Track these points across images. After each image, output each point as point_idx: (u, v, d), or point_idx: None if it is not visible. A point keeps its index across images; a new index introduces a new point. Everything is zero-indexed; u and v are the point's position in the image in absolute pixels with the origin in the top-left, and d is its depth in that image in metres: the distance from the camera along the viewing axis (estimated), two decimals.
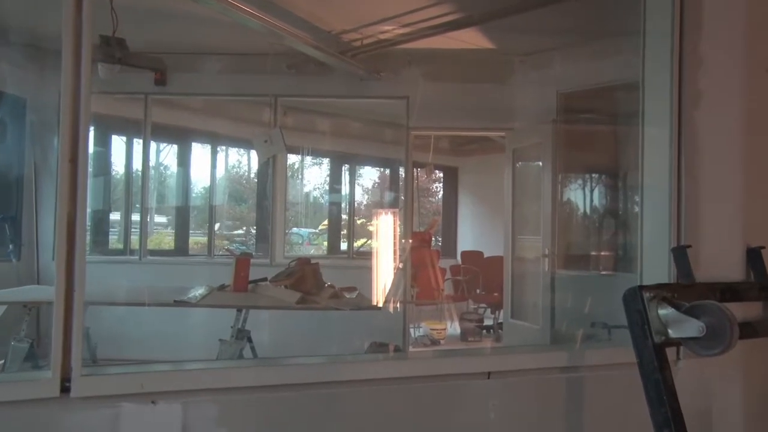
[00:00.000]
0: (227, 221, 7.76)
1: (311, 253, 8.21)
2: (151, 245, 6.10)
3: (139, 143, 5.98)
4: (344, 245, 7.74)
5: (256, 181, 7.49)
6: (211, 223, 6.71)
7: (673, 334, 1.69)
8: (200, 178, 7.14)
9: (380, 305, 5.24)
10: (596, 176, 5.33)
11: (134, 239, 5.97)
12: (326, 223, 8.36)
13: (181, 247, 6.68)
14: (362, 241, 7.55)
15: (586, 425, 1.97)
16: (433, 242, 8.28)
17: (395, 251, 6.00)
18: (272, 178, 6.06)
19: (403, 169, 5.91)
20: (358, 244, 7.53)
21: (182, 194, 6.93)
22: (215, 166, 6.97)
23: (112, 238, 6.42)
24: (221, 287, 4.09)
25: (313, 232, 8.59)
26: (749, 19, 2.18)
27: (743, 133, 2.16)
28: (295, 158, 7.66)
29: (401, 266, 5.89)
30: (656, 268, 2.13)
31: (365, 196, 8.96)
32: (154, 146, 6.49)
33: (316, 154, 7.87)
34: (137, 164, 6.07)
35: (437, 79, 5.48)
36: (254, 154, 6.75)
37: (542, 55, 5.18)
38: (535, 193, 5.30)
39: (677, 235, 2.10)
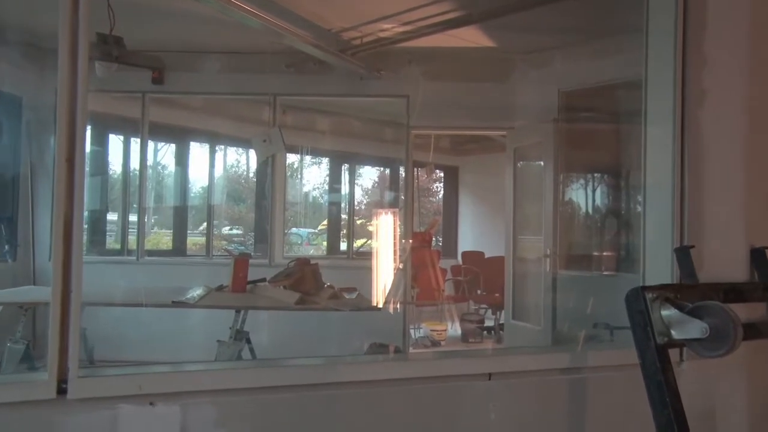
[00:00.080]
0: (225, 222, 7.75)
1: (310, 253, 8.20)
2: (148, 245, 6.09)
3: (136, 142, 5.96)
4: (344, 245, 7.73)
5: (254, 180, 7.47)
6: (209, 222, 6.69)
7: (676, 335, 1.68)
8: (198, 177, 7.13)
9: (380, 306, 5.22)
10: (598, 176, 5.31)
11: (131, 239, 5.95)
12: (326, 223, 8.34)
13: (179, 247, 6.66)
14: (362, 241, 7.54)
15: (587, 427, 1.96)
16: (433, 242, 8.28)
17: (395, 251, 5.99)
18: (271, 177, 6.04)
19: (403, 168, 5.90)
20: (357, 244, 7.51)
21: (180, 194, 6.92)
22: (213, 165, 6.96)
23: (109, 238, 6.41)
24: (219, 288, 4.08)
25: (312, 232, 8.58)
26: (753, 17, 2.17)
27: (747, 132, 2.15)
28: (294, 158, 7.66)
29: (401, 267, 5.88)
30: (659, 268, 2.12)
31: (365, 195, 8.95)
32: (151, 145, 6.48)
33: (315, 153, 7.85)
34: (135, 164, 6.06)
35: (438, 77, 5.47)
36: (253, 153, 6.73)
37: (543, 53, 5.16)
38: (536, 192, 5.28)
39: (680, 235, 2.08)
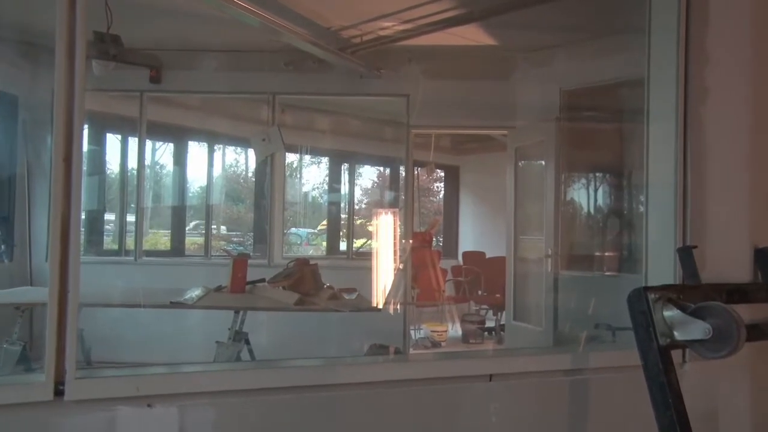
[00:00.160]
0: (223, 222, 7.73)
1: (310, 253, 8.19)
2: (146, 245, 6.07)
3: (134, 142, 5.95)
4: (343, 245, 7.72)
5: (253, 180, 7.45)
6: (207, 222, 6.67)
7: (678, 336, 1.66)
8: (197, 177, 7.11)
9: (380, 307, 5.21)
10: (600, 175, 5.30)
11: (129, 239, 5.94)
12: (325, 223, 8.33)
13: (177, 247, 6.64)
14: (362, 241, 7.53)
15: (589, 429, 1.95)
16: (434, 242, 8.27)
17: (395, 252, 5.98)
18: (270, 177, 6.03)
19: (403, 168, 5.89)
20: (357, 244, 7.50)
21: (178, 194, 6.90)
22: (212, 164, 6.94)
23: (106, 238, 6.39)
24: (218, 288, 4.07)
25: (311, 232, 8.56)
26: (756, 14, 2.16)
27: (751, 131, 2.14)
28: (293, 157, 7.65)
29: (401, 267, 5.87)
30: (661, 268, 2.10)
31: (365, 195, 8.94)
32: (149, 145, 6.46)
33: (314, 152, 7.85)
34: (132, 163, 6.04)
35: (438, 76, 5.46)
36: (252, 152, 6.71)
37: (545, 51, 5.15)
38: (537, 192, 5.26)
39: (683, 235, 2.07)
